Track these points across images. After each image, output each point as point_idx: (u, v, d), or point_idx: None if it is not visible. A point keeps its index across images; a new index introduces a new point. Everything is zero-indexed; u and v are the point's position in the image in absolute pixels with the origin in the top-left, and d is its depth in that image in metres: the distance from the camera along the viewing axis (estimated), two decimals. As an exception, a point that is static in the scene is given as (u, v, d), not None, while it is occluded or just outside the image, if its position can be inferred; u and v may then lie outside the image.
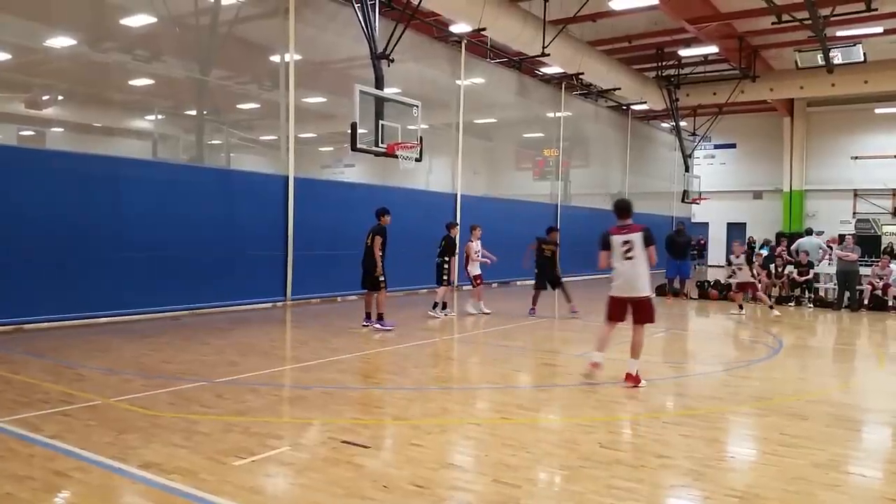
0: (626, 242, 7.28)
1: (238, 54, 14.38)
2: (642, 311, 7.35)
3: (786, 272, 16.91)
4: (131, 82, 13.52)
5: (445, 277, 12.62)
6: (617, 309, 7.43)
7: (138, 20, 12.59)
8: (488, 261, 13.30)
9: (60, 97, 12.76)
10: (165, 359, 8.24)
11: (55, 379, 6.97)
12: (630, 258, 7.25)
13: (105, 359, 8.13)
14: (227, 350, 8.87)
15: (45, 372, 7.33)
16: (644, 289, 7.39)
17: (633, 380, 7.20)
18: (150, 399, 6.24)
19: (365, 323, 11.01)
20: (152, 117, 14.56)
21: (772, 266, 17.14)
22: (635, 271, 7.28)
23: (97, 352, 8.55)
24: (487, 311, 13.20)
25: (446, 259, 12.65)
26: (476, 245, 13.27)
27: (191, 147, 14.20)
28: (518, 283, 21.23)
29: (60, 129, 13.93)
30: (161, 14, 12.48)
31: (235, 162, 15.44)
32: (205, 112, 14.18)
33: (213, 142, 14.98)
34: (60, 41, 11.87)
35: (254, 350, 8.99)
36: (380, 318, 10.85)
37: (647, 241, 7.28)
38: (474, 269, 13.26)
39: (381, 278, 10.75)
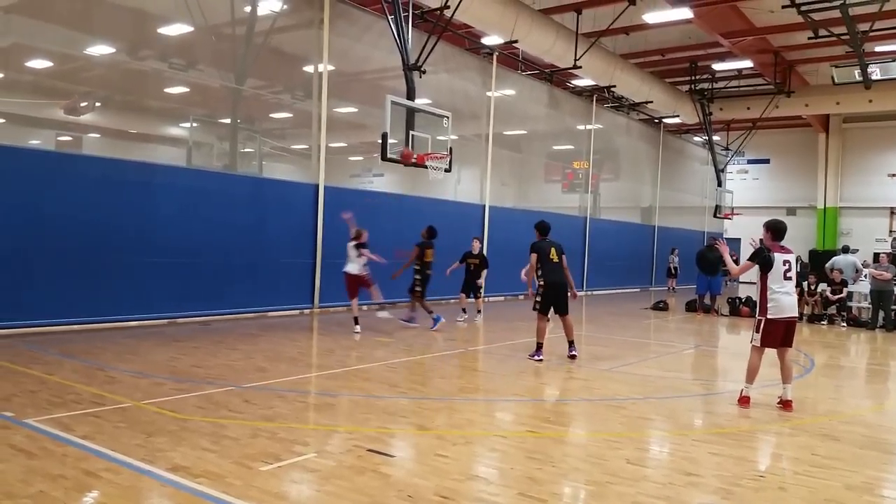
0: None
1: (272, 64, 14.57)
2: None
3: (818, 290, 16.62)
4: (167, 90, 13.76)
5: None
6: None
7: (176, 29, 12.81)
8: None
9: (98, 104, 13.02)
10: (195, 363, 8.34)
11: (87, 380, 7.09)
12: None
13: (136, 362, 8.25)
14: (256, 356, 8.94)
15: (78, 373, 7.46)
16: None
17: None
18: (179, 402, 6.32)
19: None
20: (187, 125, 14.79)
21: (805, 283, 16.85)
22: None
23: (128, 355, 8.68)
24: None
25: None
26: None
27: (224, 155, 14.40)
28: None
29: (97, 135, 14.22)
30: (198, 23, 12.70)
31: (267, 170, 15.62)
32: (238, 120, 14.39)
33: (246, 150, 15.17)
34: (100, 49, 12.11)
35: (282, 357, 9.06)
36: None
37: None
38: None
39: (539, 299, 9.62)
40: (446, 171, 13.85)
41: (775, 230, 7.39)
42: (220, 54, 13.50)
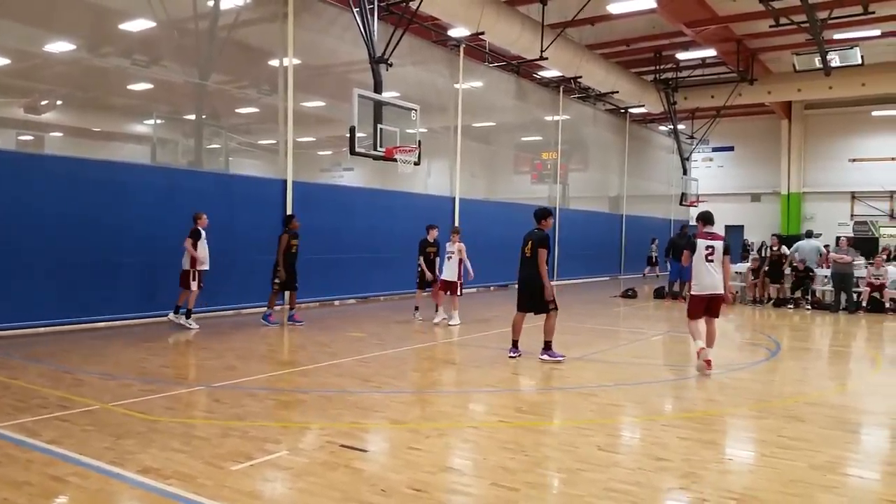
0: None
1: (237, 59, 14.39)
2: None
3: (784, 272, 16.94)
4: (130, 87, 13.51)
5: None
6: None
7: (137, 25, 12.59)
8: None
9: (59, 102, 12.76)
10: (164, 363, 8.25)
11: (53, 384, 6.97)
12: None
13: (103, 363, 8.13)
14: (226, 354, 8.87)
15: (44, 377, 7.33)
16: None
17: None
18: (148, 404, 6.24)
19: (512, 354, 9.04)
20: (151, 122, 14.56)
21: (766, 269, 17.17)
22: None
23: (95, 356, 8.56)
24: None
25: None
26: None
27: (190, 151, 14.21)
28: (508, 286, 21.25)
29: (59, 134, 13.93)
30: (160, 19, 12.49)
31: (234, 166, 15.45)
32: (204, 116, 14.19)
33: (212, 146, 14.98)
34: (59, 46, 11.86)
35: (253, 355, 8.99)
36: (547, 346, 8.96)
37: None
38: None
39: (552, 299, 8.76)
40: (415, 164, 13.84)
41: (702, 219, 8.79)
42: (183, 50, 13.30)
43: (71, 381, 7.13)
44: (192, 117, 14.14)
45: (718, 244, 8.42)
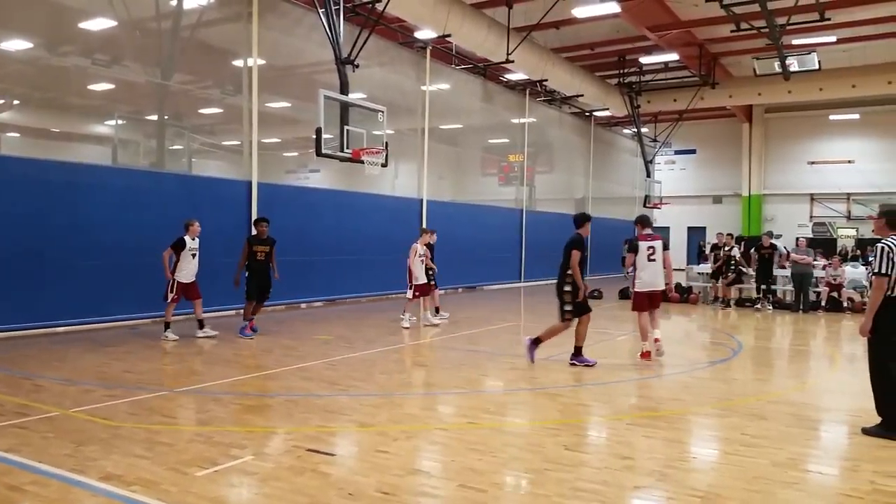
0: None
1: (200, 59, 14.19)
2: None
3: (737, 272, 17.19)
4: (91, 87, 13.24)
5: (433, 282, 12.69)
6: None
7: (98, 24, 12.34)
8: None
9: (16, 102, 12.46)
10: (126, 368, 8.09)
11: (11, 390, 6.79)
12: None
13: (64, 369, 7.96)
14: (190, 359, 8.74)
15: (1, 383, 7.14)
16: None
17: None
18: (110, 409, 6.12)
19: (573, 361, 8.82)
20: (112, 122, 14.28)
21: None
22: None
23: (55, 362, 8.37)
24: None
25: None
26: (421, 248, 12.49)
27: (152, 152, 13.98)
28: (485, 287, 21.34)
29: (17, 135, 13.59)
30: (121, 18, 12.27)
31: (198, 167, 15.22)
32: (166, 117, 13.98)
33: (175, 147, 14.75)
34: (16, 44, 11.59)
35: (217, 359, 8.88)
36: (577, 351, 8.86)
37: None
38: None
39: (569, 307, 8.72)
40: (383, 165, 13.80)
41: (641, 222, 9.57)
42: (145, 49, 13.08)
43: (30, 388, 6.96)
44: (155, 118, 13.91)
45: (658, 244, 9.26)
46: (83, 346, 9.44)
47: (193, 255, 10.40)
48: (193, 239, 10.37)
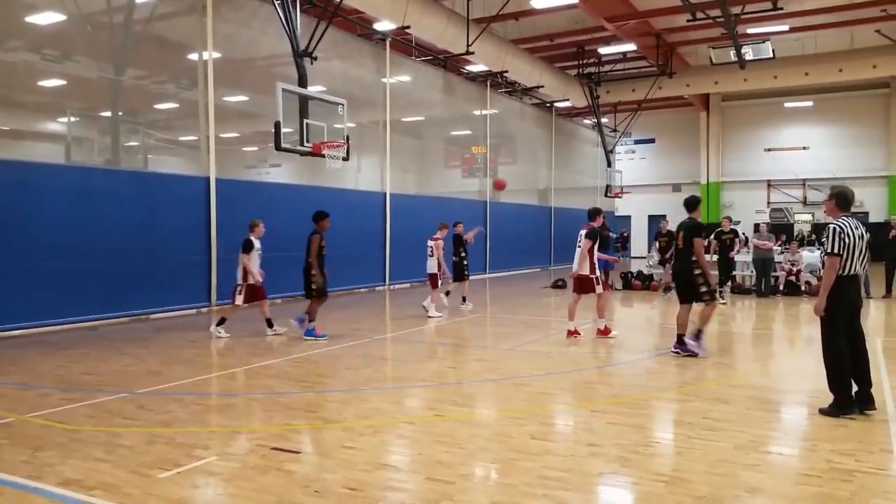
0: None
1: (154, 53, 13.88)
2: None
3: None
4: (41, 83, 12.88)
5: (467, 273, 13.55)
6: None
7: (46, 18, 12.00)
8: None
9: (-38, 99, 12.07)
10: (85, 370, 7.91)
11: (-37, 397, 6.59)
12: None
13: (19, 373, 7.75)
14: (150, 359, 8.58)
15: (-48, 390, 6.93)
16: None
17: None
18: (68, 413, 5.98)
19: (674, 349, 8.89)
20: (65, 119, 13.91)
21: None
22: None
23: (10, 366, 8.14)
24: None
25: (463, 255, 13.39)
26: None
27: (106, 149, 13.65)
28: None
29: (-38, 134, 13.17)
30: (71, 12, 11.95)
31: (153, 164, 14.91)
32: (120, 113, 13.67)
33: (130, 143, 14.43)
34: (-41, 39, 11.23)
35: (178, 359, 8.73)
36: (690, 336, 8.85)
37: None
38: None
39: (704, 288, 8.73)
40: (344, 159, 13.68)
41: (588, 214, 10.52)
42: (97, 44, 12.76)
43: (-18, 394, 6.76)
44: (108, 114, 13.60)
45: (583, 232, 10.11)
46: (39, 350, 9.20)
47: (259, 256, 10.39)
48: (258, 239, 10.35)
